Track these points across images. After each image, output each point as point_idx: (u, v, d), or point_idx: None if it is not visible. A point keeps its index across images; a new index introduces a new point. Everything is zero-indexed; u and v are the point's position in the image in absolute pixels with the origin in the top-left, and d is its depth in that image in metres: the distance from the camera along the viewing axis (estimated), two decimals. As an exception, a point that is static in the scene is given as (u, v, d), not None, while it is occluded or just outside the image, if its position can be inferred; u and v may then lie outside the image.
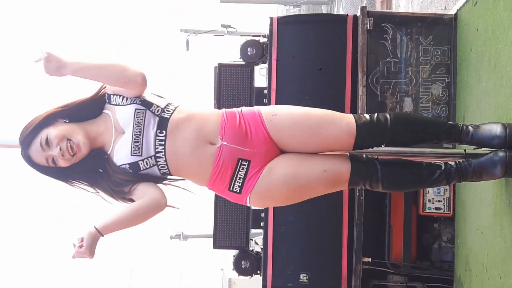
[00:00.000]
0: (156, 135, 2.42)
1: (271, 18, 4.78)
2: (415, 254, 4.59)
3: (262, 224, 4.98)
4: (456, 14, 4.35)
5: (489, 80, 3.35)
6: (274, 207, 4.72)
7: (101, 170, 2.49)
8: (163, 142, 2.43)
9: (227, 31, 12.03)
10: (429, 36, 4.45)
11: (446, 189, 4.40)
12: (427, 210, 4.44)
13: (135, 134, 2.42)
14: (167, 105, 2.50)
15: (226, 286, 21.76)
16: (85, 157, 2.48)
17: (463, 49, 4.18)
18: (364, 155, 2.54)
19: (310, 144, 2.47)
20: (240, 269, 5.26)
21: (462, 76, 4.17)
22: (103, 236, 2.42)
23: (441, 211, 4.42)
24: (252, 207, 5.32)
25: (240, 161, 2.42)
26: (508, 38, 3.07)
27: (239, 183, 2.44)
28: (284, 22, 4.79)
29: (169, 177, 2.55)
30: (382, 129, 2.49)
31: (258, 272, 5.16)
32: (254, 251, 5.34)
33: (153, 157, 2.43)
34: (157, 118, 2.44)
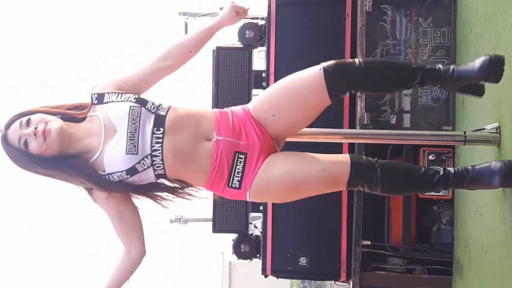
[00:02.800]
0: (153, 132, 2.35)
1: (269, 0, 4.74)
2: (414, 237, 4.59)
3: (261, 208, 4.98)
4: (455, -5, 4.31)
5: (489, 62, 3.32)
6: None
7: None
8: (160, 140, 2.36)
9: (226, 14, 11.95)
10: (429, 18, 4.42)
11: (446, 172, 4.41)
12: (427, 193, 4.44)
13: (130, 132, 2.34)
14: (160, 104, 2.44)
15: (226, 269, 21.87)
16: (65, 157, 2.37)
17: (462, 31, 4.14)
18: (364, 157, 2.50)
19: (287, 104, 2.42)
20: (239, 253, 5.26)
21: (461, 58, 4.14)
22: None
23: (441, 193, 4.41)
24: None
25: (237, 154, 2.39)
26: (508, 19, 3.04)
27: (238, 177, 2.41)
28: (282, 4, 4.76)
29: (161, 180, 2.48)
30: (351, 68, 2.41)
31: (258, 255, 5.17)
32: (254, 234, 5.35)
33: (149, 156, 2.35)
34: (153, 115, 2.38)
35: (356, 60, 2.45)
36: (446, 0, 4.39)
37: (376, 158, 2.51)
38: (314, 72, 2.42)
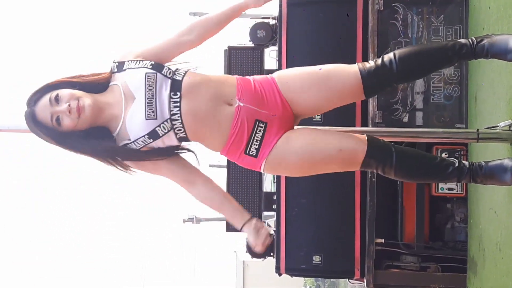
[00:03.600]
0: (170, 97, 2.39)
1: (280, 0, 4.75)
2: (428, 235, 4.59)
3: (274, 206, 4.99)
4: (467, -7, 4.30)
5: (502, 59, 3.32)
6: (286, 189, 4.73)
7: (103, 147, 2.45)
8: (178, 104, 2.39)
9: (236, 14, 11.97)
10: (440, 16, 4.42)
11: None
12: (440, 191, 4.43)
13: (147, 98, 2.38)
14: (177, 69, 2.48)
15: (239, 268, 21.91)
16: (90, 132, 2.43)
17: (474, 28, 4.14)
18: (381, 140, 2.52)
19: (323, 97, 2.46)
20: (253, 252, 5.27)
21: (474, 55, 4.12)
22: None
23: (454, 191, 4.41)
24: (264, 190, 5.34)
25: (257, 122, 2.41)
26: (521, 16, 3.04)
27: (256, 145, 2.42)
28: (293, 4, 4.76)
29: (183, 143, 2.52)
30: (388, 74, 2.45)
31: (272, 254, 5.18)
32: (267, 233, 5.35)
33: (168, 120, 2.39)
34: (169, 80, 2.41)
35: (393, 60, 2.44)
36: (457, -2, 4.39)
37: (392, 143, 2.54)
38: (353, 74, 2.44)
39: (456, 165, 2.51)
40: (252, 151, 2.44)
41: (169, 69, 2.45)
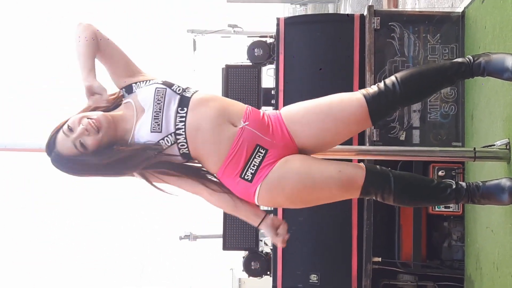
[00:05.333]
0: (177, 112, 2.42)
1: (278, 19, 4.77)
2: (425, 253, 4.58)
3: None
4: (463, 12, 4.33)
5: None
6: (283, 207, 4.71)
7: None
8: (183, 119, 2.41)
9: (234, 31, 12.05)
10: (437, 34, 4.44)
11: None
12: (437, 209, 4.43)
13: (155, 112, 2.41)
14: (187, 87, 2.52)
15: (236, 286, 21.77)
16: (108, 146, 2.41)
17: (471, 47, 4.16)
18: (378, 167, 2.53)
19: (327, 128, 2.46)
20: (250, 270, 5.26)
21: (470, 74, 4.14)
22: None
23: (451, 209, 4.40)
24: (262, 208, 5.32)
25: (258, 147, 2.41)
26: (516, 36, 3.05)
27: (252, 170, 2.41)
28: (291, 23, 4.79)
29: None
30: (392, 97, 2.47)
31: (268, 273, 5.16)
32: (264, 252, 5.34)
33: (173, 134, 2.40)
34: (178, 96, 2.45)
35: (395, 82, 2.48)
36: (454, 17, 4.41)
37: (389, 168, 2.54)
38: (357, 103, 2.47)
39: (454, 186, 2.52)
40: (247, 176, 2.42)
41: (179, 86, 2.49)
